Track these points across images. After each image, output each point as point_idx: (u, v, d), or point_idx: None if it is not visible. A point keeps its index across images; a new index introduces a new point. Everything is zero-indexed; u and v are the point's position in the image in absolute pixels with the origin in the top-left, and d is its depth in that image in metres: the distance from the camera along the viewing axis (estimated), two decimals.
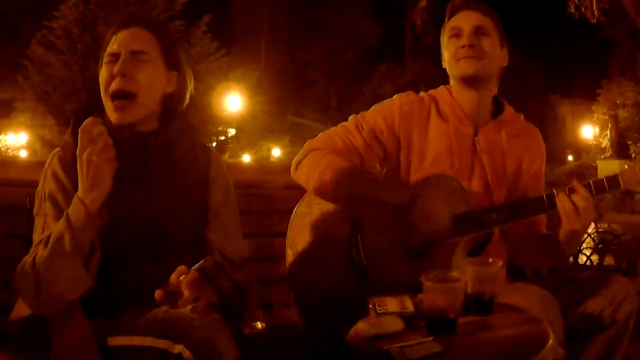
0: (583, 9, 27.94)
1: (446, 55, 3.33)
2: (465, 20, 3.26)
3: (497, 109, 3.36)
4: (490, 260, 2.53)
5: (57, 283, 2.36)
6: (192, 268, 2.37)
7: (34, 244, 2.53)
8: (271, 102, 42.79)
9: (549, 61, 58.11)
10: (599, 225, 9.50)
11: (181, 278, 2.31)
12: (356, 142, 3.22)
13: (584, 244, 6.62)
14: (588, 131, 47.31)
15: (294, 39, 52.79)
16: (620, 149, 37.00)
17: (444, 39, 3.36)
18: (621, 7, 30.43)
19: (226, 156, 29.81)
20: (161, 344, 2.15)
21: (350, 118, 3.34)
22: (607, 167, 33.57)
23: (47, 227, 2.54)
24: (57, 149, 2.76)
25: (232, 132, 32.41)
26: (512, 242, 3.29)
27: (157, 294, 2.27)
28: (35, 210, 2.68)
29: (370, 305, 2.45)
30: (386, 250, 3.03)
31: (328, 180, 3.06)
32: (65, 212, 2.43)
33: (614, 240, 6.69)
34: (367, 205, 3.05)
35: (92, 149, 2.39)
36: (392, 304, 2.44)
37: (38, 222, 2.64)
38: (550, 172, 29.14)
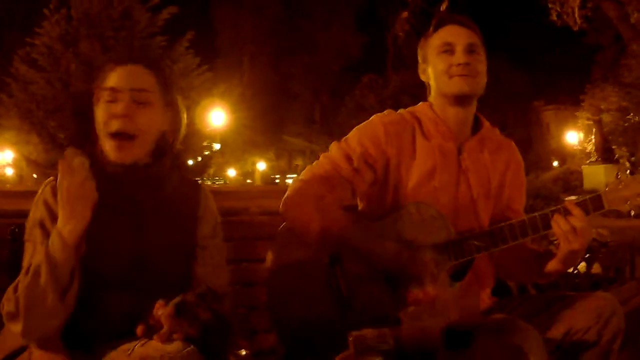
0: (565, 17, 28.10)
1: (433, 70, 3.29)
2: (457, 36, 3.23)
3: (475, 124, 3.35)
4: (469, 292, 2.52)
5: (34, 312, 2.37)
6: (171, 302, 2.35)
7: (22, 270, 2.53)
8: (255, 116, 42.89)
9: (532, 68, 58.37)
10: None
11: (159, 312, 2.31)
12: (345, 173, 3.17)
13: None
14: (572, 137, 47.41)
15: (277, 52, 53.00)
16: (605, 153, 37.06)
17: (430, 53, 3.31)
18: (603, 13, 30.61)
19: (211, 171, 29.82)
20: None
21: (333, 147, 3.27)
22: (593, 171, 33.66)
23: (35, 254, 2.53)
24: (50, 178, 2.73)
25: (216, 146, 32.42)
26: (499, 261, 3.27)
27: (139, 329, 2.30)
28: (25, 237, 2.67)
29: (350, 340, 2.43)
30: (366, 281, 3.00)
31: (310, 227, 3.03)
32: (45, 245, 2.43)
33: (601, 249, 6.70)
34: (350, 247, 3.04)
35: (72, 180, 2.39)
36: (371, 338, 2.42)
37: (27, 248, 2.63)
38: (535, 179, 29.26)
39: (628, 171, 3.00)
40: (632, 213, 2.98)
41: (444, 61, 3.22)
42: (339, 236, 3.01)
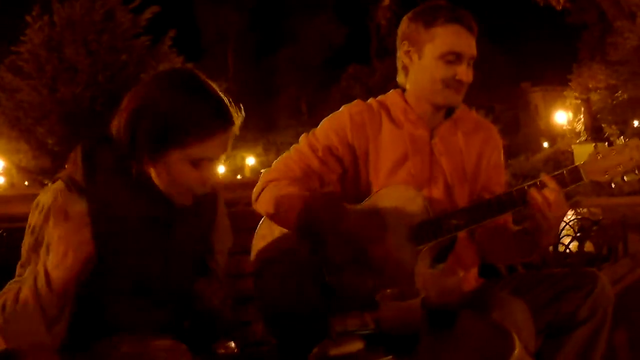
0: None
1: (425, 71, 3.16)
2: (465, 47, 3.12)
3: (449, 108, 3.30)
4: (451, 271, 2.51)
5: (20, 340, 2.31)
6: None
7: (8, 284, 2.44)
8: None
9: (518, 50, 58.37)
10: (578, 211, 9.50)
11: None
12: (312, 164, 3.17)
13: (563, 232, 6.62)
14: (561, 117, 47.46)
15: (261, 47, 52.94)
16: (595, 132, 37.14)
17: (431, 49, 3.14)
18: None
19: None
20: None
21: (302, 138, 3.27)
22: (583, 150, 33.67)
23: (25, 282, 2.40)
24: (59, 184, 2.53)
25: None
26: (480, 241, 3.26)
27: None
28: (21, 261, 2.54)
29: (330, 325, 2.43)
30: (346, 266, 3.01)
31: (287, 215, 3.02)
32: (33, 278, 2.30)
33: (592, 227, 6.69)
34: (327, 229, 3.02)
35: (66, 227, 2.22)
36: (352, 323, 2.42)
37: (21, 274, 2.55)
38: (525, 161, 29.29)
39: (606, 144, 2.98)
40: (613, 185, 2.95)
41: (445, 70, 3.11)
42: (311, 224, 3.00)
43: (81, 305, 2.38)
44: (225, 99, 2.47)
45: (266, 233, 3.18)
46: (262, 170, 3.29)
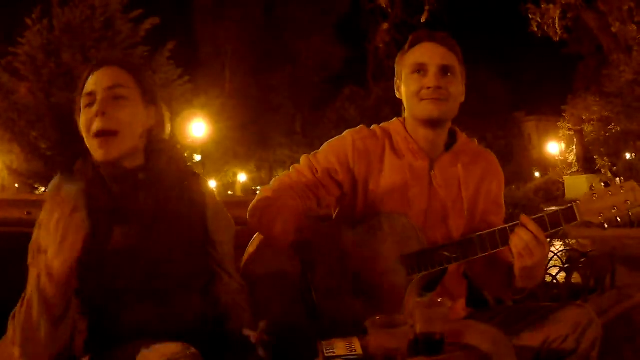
0: (546, 27, 28.20)
1: (405, 90, 3.22)
2: (430, 57, 3.16)
3: (450, 140, 3.31)
4: (439, 300, 2.52)
5: (29, 343, 2.32)
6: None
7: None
8: (236, 127, 42.82)
9: (513, 79, 58.66)
10: (567, 242, 9.52)
11: None
12: (311, 185, 3.18)
13: (550, 262, 6.63)
14: (554, 147, 47.62)
15: (258, 63, 52.90)
16: (587, 164, 37.27)
17: (404, 71, 3.24)
18: (584, 23, 30.73)
19: None
20: None
21: (303, 159, 3.29)
22: (574, 182, 33.81)
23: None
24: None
25: (197, 158, 32.31)
26: (477, 274, 3.28)
27: None
28: (29, 261, 2.61)
29: (319, 348, 2.45)
30: (336, 290, 3.01)
31: (282, 236, 3.03)
32: (36, 276, 2.33)
33: (581, 258, 6.70)
34: (316, 248, 3.03)
35: (60, 212, 2.27)
36: (340, 347, 2.43)
37: (32, 273, 2.58)
38: (516, 190, 29.32)
39: (602, 184, 2.98)
40: (606, 226, 2.95)
41: (415, 82, 3.16)
42: (303, 241, 3.02)
43: (90, 314, 2.45)
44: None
45: (256, 251, 3.19)
46: (257, 188, 3.30)
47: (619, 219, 2.88)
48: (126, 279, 2.53)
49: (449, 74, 3.12)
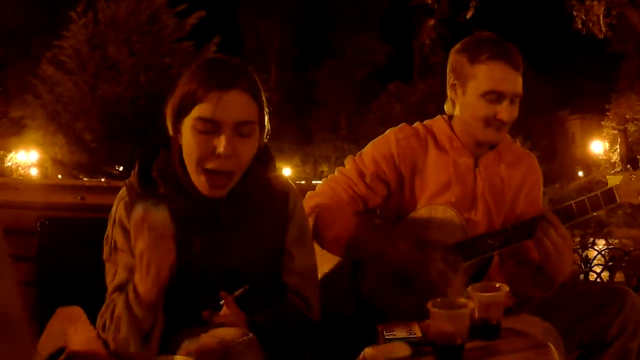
0: (590, 25, 27.89)
1: (471, 111, 3.19)
2: (507, 84, 3.12)
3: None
4: (496, 285, 2.52)
5: (123, 349, 2.37)
6: (234, 293, 2.45)
7: (108, 292, 2.58)
8: (281, 122, 42.77)
9: (557, 77, 57.96)
10: (610, 242, 9.48)
11: (222, 302, 2.41)
12: (359, 190, 3.21)
13: (594, 261, 6.62)
14: (597, 146, 47.19)
15: (303, 59, 52.95)
16: (630, 163, 36.88)
17: (472, 85, 3.18)
18: (628, 21, 30.39)
19: None
20: None
21: (349, 162, 3.30)
22: (618, 182, 33.54)
23: (117, 276, 2.55)
24: (123, 193, 2.66)
25: None
26: (505, 270, 3.28)
27: (205, 313, 2.38)
28: (105, 257, 2.65)
29: (379, 331, 2.46)
30: (386, 282, 3.04)
31: (333, 240, 3.08)
32: (125, 294, 2.40)
33: (624, 257, 6.67)
34: (365, 247, 3.05)
35: (146, 244, 2.26)
36: (399, 330, 2.45)
37: (109, 268, 2.62)
38: (560, 189, 29.09)
39: None
40: None
41: (486, 109, 3.13)
42: (354, 242, 3.04)
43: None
44: (236, 63, 2.51)
45: None
46: (302, 182, 3.31)
47: None
48: (198, 282, 2.54)
49: (514, 102, 3.15)
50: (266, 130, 2.71)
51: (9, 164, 36.22)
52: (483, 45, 3.18)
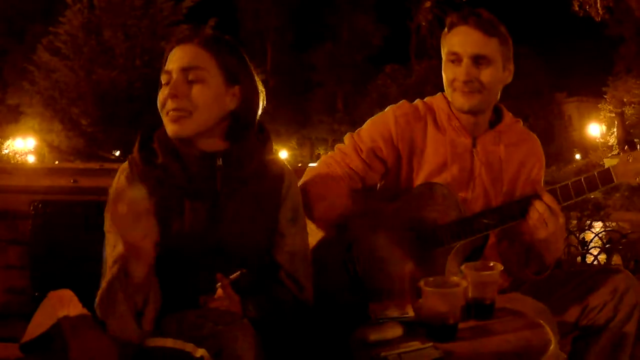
0: (587, 7, 27.91)
1: (444, 76, 3.21)
2: (463, 45, 3.10)
3: (495, 118, 3.30)
4: (491, 264, 2.51)
5: (113, 326, 2.34)
6: (232, 275, 2.42)
7: (105, 263, 2.56)
8: (277, 105, 42.84)
9: (554, 60, 58.21)
10: (607, 224, 9.49)
11: (218, 285, 2.39)
12: (355, 165, 3.18)
13: (591, 244, 6.62)
14: (595, 129, 47.33)
15: (300, 41, 53.03)
16: (628, 146, 36.98)
17: (443, 57, 3.23)
18: (626, 4, 30.41)
19: None
20: (187, 347, 2.12)
21: (347, 139, 3.28)
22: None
23: (116, 248, 2.49)
24: (124, 165, 2.70)
25: None
26: (500, 250, 3.27)
27: (201, 298, 2.38)
28: (105, 228, 2.62)
29: (371, 311, 2.45)
30: (380, 260, 3.02)
31: (327, 214, 3.03)
32: (118, 269, 2.36)
33: (621, 240, 6.67)
34: (359, 224, 3.04)
35: (123, 225, 2.23)
36: (392, 310, 2.44)
37: (109, 239, 2.60)
38: (556, 171, 29.17)
39: (639, 146, 2.97)
40: None
41: (449, 71, 3.15)
42: (344, 219, 3.03)
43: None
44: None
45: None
46: (299, 165, 3.30)
47: None
48: (188, 251, 2.55)
49: (482, 64, 3.06)
50: (256, 104, 2.79)
51: (6, 151, 36.31)
52: (454, 16, 3.19)
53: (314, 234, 3.12)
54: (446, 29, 3.20)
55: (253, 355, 2.14)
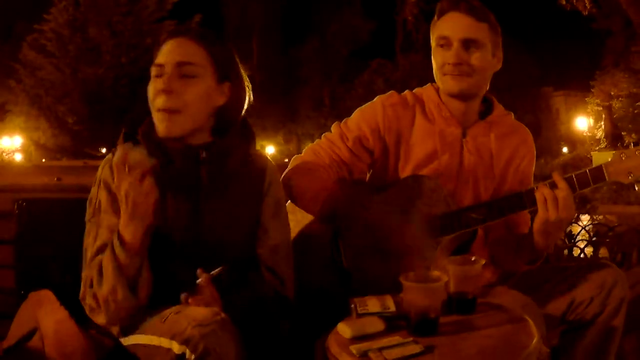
0: (575, 1, 27.91)
1: (433, 63, 3.19)
2: (454, 29, 3.09)
3: (485, 109, 3.28)
4: (472, 259, 2.49)
5: (111, 307, 2.38)
6: (213, 272, 2.40)
7: (85, 251, 2.55)
8: (264, 100, 42.87)
9: (542, 54, 58.16)
10: (594, 218, 9.49)
11: (198, 281, 2.36)
12: (341, 154, 3.17)
13: (578, 237, 6.62)
14: (582, 123, 47.38)
15: (286, 37, 53.05)
16: (615, 140, 37.03)
17: (432, 43, 3.19)
18: None
19: None
20: (163, 342, 2.13)
21: (334, 127, 3.27)
22: (602, 158, 33.50)
23: (99, 237, 2.52)
24: (108, 156, 2.67)
25: None
26: (491, 243, 3.26)
27: (182, 296, 2.33)
28: (87, 217, 2.61)
29: (352, 306, 2.44)
30: (367, 253, 3.00)
31: (312, 202, 3.03)
32: (110, 243, 2.41)
33: (608, 233, 6.68)
34: (346, 214, 3.03)
35: (129, 183, 2.33)
36: (373, 304, 2.42)
37: (90, 229, 2.59)
38: (544, 165, 29.23)
39: (631, 144, 2.96)
40: (637, 188, 2.93)
41: (439, 56, 3.13)
42: (332, 206, 3.02)
43: None
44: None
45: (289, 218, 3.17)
46: (286, 160, 3.29)
47: None
48: (168, 243, 2.54)
49: (472, 48, 3.05)
50: (242, 101, 2.79)
51: None
52: (444, 2, 3.18)
53: (300, 225, 3.15)
54: (436, 17, 3.18)
55: (234, 352, 2.14)
